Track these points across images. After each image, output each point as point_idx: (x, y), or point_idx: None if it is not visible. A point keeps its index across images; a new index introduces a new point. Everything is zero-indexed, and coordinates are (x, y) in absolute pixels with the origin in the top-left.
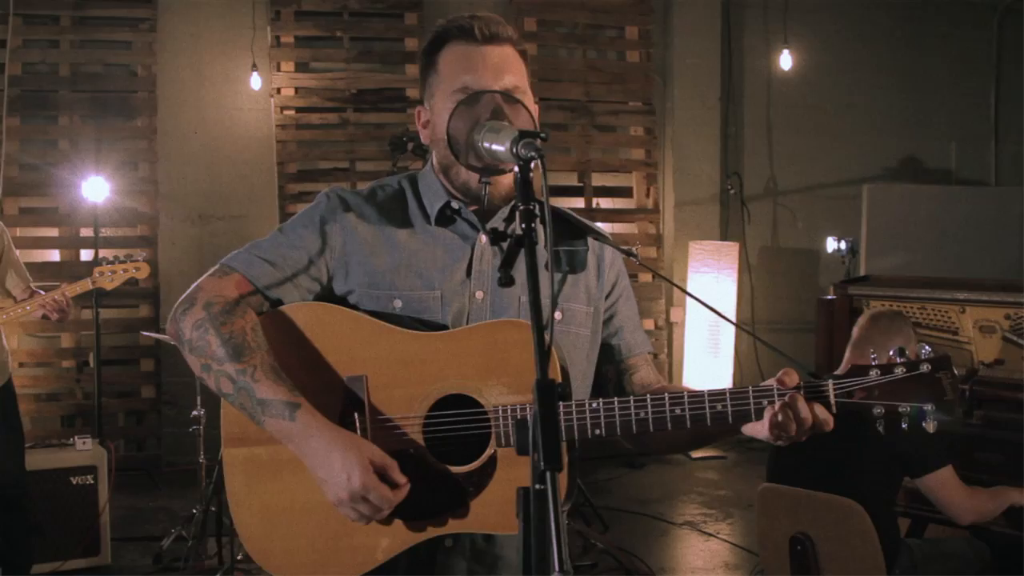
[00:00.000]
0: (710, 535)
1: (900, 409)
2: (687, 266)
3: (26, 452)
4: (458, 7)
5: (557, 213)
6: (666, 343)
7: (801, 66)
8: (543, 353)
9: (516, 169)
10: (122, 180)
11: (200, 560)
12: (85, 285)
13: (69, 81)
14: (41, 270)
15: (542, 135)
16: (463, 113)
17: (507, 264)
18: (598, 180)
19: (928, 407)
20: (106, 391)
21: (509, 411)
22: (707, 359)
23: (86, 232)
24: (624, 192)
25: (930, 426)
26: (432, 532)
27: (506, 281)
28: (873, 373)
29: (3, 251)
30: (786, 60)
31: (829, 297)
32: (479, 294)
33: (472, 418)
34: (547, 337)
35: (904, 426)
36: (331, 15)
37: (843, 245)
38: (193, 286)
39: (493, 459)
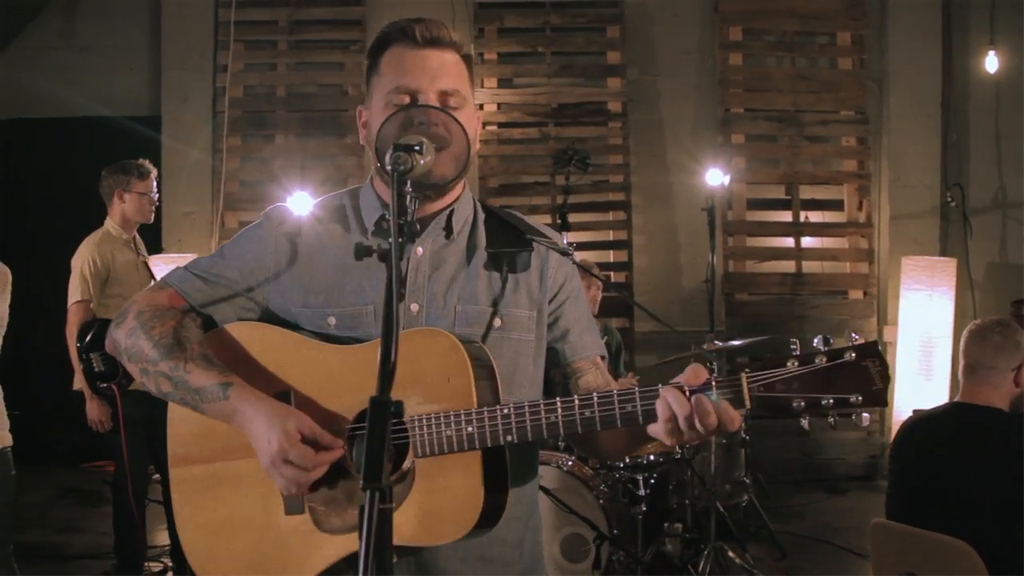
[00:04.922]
0: None
1: (823, 402)
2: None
3: None
4: (661, 16)
5: (497, 216)
6: None
7: None
8: (385, 370)
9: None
10: None
11: None
12: None
13: (284, 102)
14: None
15: (416, 147)
16: (395, 119)
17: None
18: (807, 193)
19: (854, 398)
20: None
21: (425, 421)
22: (919, 381)
23: None
24: (835, 205)
25: (860, 420)
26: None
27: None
28: (791, 364)
29: None
30: (992, 62)
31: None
32: (414, 307)
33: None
34: (392, 355)
35: (830, 421)
36: (533, 31)
37: None
38: (129, 302)
39: (412, 470)
